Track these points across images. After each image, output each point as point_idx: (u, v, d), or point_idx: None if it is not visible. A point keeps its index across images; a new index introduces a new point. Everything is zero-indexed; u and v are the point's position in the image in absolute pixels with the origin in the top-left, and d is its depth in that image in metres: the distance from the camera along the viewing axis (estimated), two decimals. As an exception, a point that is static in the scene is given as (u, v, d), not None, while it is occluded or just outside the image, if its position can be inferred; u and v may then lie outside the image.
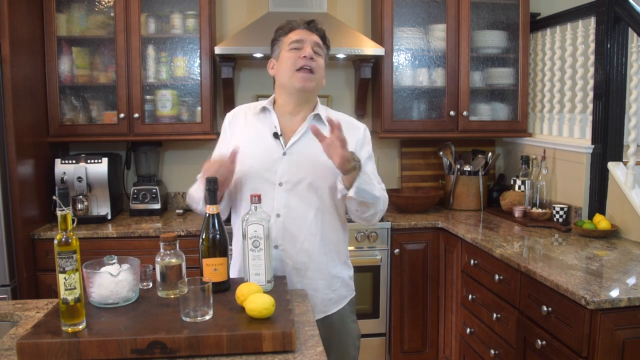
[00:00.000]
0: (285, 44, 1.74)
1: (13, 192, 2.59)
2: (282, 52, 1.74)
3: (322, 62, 1.75)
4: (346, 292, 1.85)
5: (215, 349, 1.25)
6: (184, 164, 3.45)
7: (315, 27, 1.77)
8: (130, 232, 2.81)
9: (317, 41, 1.74)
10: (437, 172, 3.58)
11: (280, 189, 1.71)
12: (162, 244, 1.54)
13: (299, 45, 1.71)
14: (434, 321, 3.11)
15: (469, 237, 2.68)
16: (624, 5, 2.55)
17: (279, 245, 1.72)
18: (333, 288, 1.79)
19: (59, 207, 1.26)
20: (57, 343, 1.22)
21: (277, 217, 1.70)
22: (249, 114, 1.82)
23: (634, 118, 2.59)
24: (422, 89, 3.34)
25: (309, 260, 1.73)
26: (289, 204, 1.70)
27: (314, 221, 1.72)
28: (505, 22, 3.34)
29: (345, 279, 1.84)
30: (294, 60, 1.69)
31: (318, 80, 1.74)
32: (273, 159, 1.72)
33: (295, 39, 1.72)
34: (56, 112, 2.99)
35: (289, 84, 1.72)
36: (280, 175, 1.71)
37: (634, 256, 2.26)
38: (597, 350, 1.78)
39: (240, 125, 1.81)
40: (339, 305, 1.82)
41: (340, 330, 1.82)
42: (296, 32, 1.74)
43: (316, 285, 1.75)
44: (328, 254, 1.77)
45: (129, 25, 2.99)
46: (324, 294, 1.78)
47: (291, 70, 1.70)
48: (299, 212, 1.71)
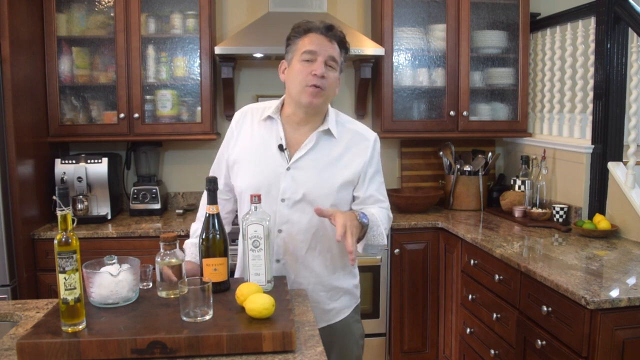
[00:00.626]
0: (298, 51, 1.63)
1: (13, 192, 2.59)
2: (294, 59, 1.64)
3: (334, 76, 1.65)
4: (349, 301, 1.81)
5: (215, 349, 1.25)
6: (184, 164, 3.46)
7: (334, 34, 1.65)
8: (130, 232, 2.81)
9: (331, 55, 1.63)
10: (437, 172, 3.58)
11: (283, 204, 1.67)
12: (162, 244, 1.54)
13: (312, 58, 1.61)
14: (434, 321, 3.11)
15: (469, 237, 2.68)
16: (624, 5, 2.55)
17: (281, 260, 1.70)
18: (335, 299, 1.77)
19: (59, 207, 1.26)
20: (57, 343, 1.22)
21: (279, 233, 1.68)
22: (255, 119, 1.76)
23: (634, 118, 2.59)
24: (422, 89, 3.34)
25: (310, 274, 1.72)
26: (290, 219, 1.67)
27: (315, 236, 1.69)
28: (505, 22, 3.34)
29: (349, 289, 1.80)
30: (304, 76, 1.61)
31: (328, 96, 1.66)
32: (277, 173, 1.67)
33: (309, 49, 1.61)
34: (56, 112, 2.99)
35: (297, 98, 1.64)
36: (282, 191, 1.67)
37: (634, 256, 2.26)
38: (597, 350, 1.78)
39: (247, 130, 1.76)
40: (342, 315, 1.80)
41: (343, 331, 1.80)
42: (312, 37, 1.63)
43: (318, 297, 1.73)
44: (329, 267, 1.74)
45: (129, 25, 2.99)
46: (326, 305, 1.75)
47: (301, 85, 1.62)
48: (301, 227, 1.68)
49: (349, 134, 1.73)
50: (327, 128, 1.69)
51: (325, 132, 1.70)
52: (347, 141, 1.71)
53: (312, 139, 1.68)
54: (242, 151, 1.73)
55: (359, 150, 1.71)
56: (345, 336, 1.81)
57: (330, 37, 1.64)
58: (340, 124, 1.74)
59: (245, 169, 1.70)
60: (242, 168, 1.71)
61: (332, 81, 1.65)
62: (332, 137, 1.70)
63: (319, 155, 1.68)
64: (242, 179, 1.71)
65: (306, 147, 1.68)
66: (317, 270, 1.72)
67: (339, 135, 1.71)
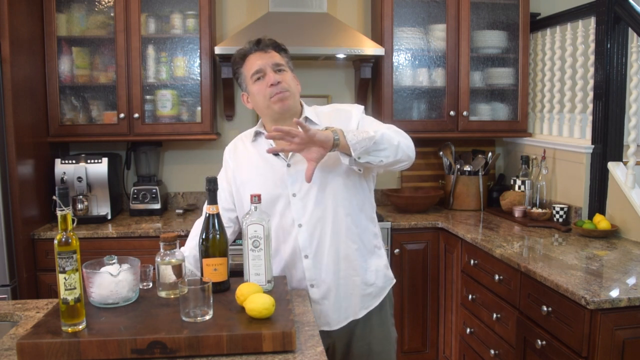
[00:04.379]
0: (247, 77, 1.71)
1: (13, 192, 2.59)
2: (249, 85, 1.72)
3: (288, 75, 1.72)
4: (383, 282, 1.81)
5: (215, 349, 1.25)
6: (184, 164, 3.46)
7: (265, 44, 1.72)
8: (130, 232, 2.81)
9: (275, 61, 1.70)
10: (437, 172, 3.58)
11: (295, 199, 1.70)
12: (162, 244, 1.54)
13: (260, 74, 1.68)
14: (434, 321, 3.11)
15: (469, 237, 2.68)
16: (624, 5, 2.55)
17: (309, 255, 1.71)
18: (369, 282, 1.76)
19: (59, 207, 1.26)
20: (57, 343, 1.22)
21: (299, 227, 1.69)
22: (246, 142, 1.82)
23: (634, 118, 2.59)
24: (422, 89, 3.34)
25: (339, 261, 1.72)
26: (306, 211, 1.69)
27: (333, 222, 1.70)
28: (505, 22, 3.34)
29: (379, 268, 1.80)
30: (264, 92, 1.68)
31: (293, 93, 1.72)
32: (280, 174, 1.71)
33: (255, 70, 1.69)
34: (56, 112, 2.99)
35: (270, 111, 1.71)
36: (291, 186, 1.70)
37: (634, 256, 2.26)
38: (597, 350, 1.78)
39: (242, 155, 1.81)
40: (379, 299, 1.79)
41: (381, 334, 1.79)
42: (250, 59, 1.71)
43: (353, 282, 1.73)
44: (355, 249, 1.73)
45: (129, 25, 2.99)
46: (362, 290, 1.75)
47: (266, 100, 1.68)
48: (319, 215, 1.69)
49: (328, 115, 1.78)
50: (305, 117, 1.75)
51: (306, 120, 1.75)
52: (329, 122, 1.73)
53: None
54: (245, 170, 1.78)
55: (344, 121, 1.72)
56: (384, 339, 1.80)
57: (262, 49, 1.72)
58: (320, 113, 1.79)
59: (253, 184, 1.73)
60: (249, 186, 1.73)
61: (289, 80, 1.72)
62: (314, 125, 1.73)
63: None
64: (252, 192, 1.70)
65: None
66: (345, 255, 1.72)
67: (319, 120, 1.76)
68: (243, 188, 1.76)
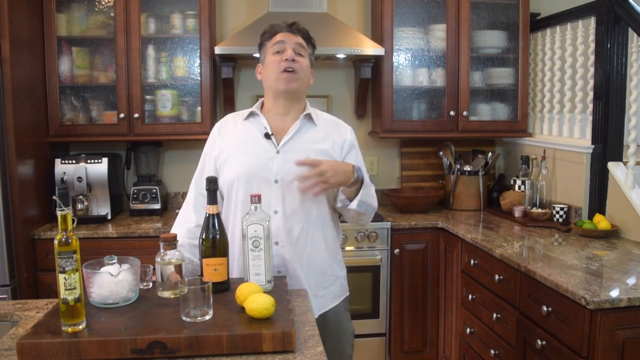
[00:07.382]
0: (269, 49, 1.77)
1: (13, 192, 2.59)
2: (267, 56, 1.78)
3: (305, 62, 1.77)
4: (340, 291, 1.87)
5: (215, 349, 1.25)
6: (184, 164, 3.45)
7: (297, 28, 1.79)
8: (130, 232, 2.81)
9: (299, 42, 1.76)
10: (437, 172, 3.58)
11: (276, 186, 1.73)
12: (162, 244, 1.54)
13: (281, 48, 1.74)
14: (434, 321, 3.11)
15: (469, 237, 2.68)
16: (624, 5, 2.55)
17: (279, 242, 1.73)
18: (325, 286, 1.81)
19: (59, 207, 1.26)
20: (57, 343, 1.22)
21: (274, 214, 1.72)
22: (238, 120, 1.84)
23: (634, 118, 2.59)
24: (422, 89, 3.34)
25: (301, 257, 1.75)
26: (285, 200, 1.73)
27: (309, 218, 1.75)
28: (505, 22, 3.34)
29: (338, 277, 1.86)
30: (277, 64, 1.73)
31: (302, 80, 1.76)
32: (267, 157, 1.74)
33: (277, 40, 1.75)
34: (56, 112, 2.99)
35: (274, 87, 1.75)
36: (275, 172, 1.73)
37: (634, 256, 2.26)
38: (597, 350, 1.78)
39: (231, 131, 1.83)
40: (333, 303, 1.84)
41: (336, 323, 1.84)
42: (279, 35, 1.77)
43: (309, 282, 1.77)
44: (322, 251, 1.79)
45: (129, 25, 2.99)
46: (317, 291, 1.79)
47: (275, 73, 1.73)
48: (295, 208, 1.73)
49: (326, 122, 1.85)
50: (309, 112, 1.80)
51: (308, 117, 1.80)
52: (326, 128, 1.83)
53: (298, 122, 1.78)
54: (230, 146, 1.80)
55: (337, 134, 1.83)
56: (338, 329, 1.84)
57: (293, 31, 1.78)
58: (320, 117, 1.85)
59: (235, 159, 1.76)
60: (231, 160, 1.77)
61: (304, 66, 1.76)
62: (313, 124, 1.80)
63: (305, 138, 1.77)
64: (232, 169, 1.76)
65: (293, 130, 1.77)
66: (308, 253, 1.76)
67: (318, 123, 1.82)
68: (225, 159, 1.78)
